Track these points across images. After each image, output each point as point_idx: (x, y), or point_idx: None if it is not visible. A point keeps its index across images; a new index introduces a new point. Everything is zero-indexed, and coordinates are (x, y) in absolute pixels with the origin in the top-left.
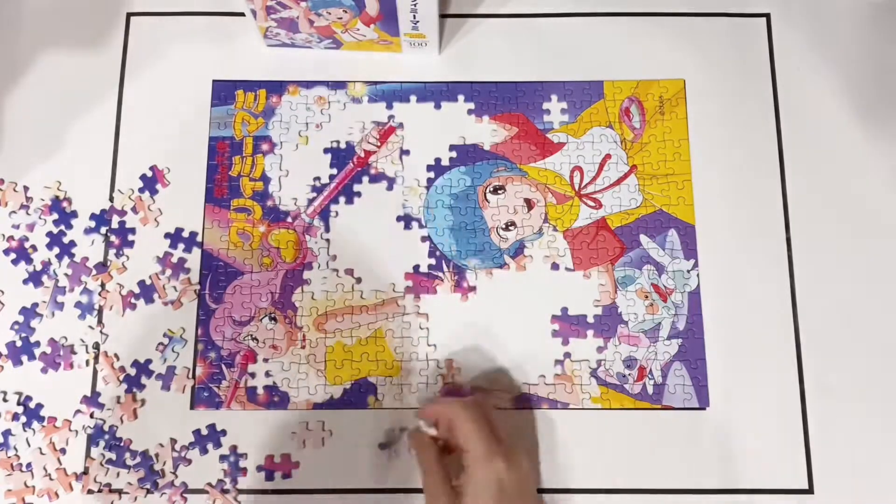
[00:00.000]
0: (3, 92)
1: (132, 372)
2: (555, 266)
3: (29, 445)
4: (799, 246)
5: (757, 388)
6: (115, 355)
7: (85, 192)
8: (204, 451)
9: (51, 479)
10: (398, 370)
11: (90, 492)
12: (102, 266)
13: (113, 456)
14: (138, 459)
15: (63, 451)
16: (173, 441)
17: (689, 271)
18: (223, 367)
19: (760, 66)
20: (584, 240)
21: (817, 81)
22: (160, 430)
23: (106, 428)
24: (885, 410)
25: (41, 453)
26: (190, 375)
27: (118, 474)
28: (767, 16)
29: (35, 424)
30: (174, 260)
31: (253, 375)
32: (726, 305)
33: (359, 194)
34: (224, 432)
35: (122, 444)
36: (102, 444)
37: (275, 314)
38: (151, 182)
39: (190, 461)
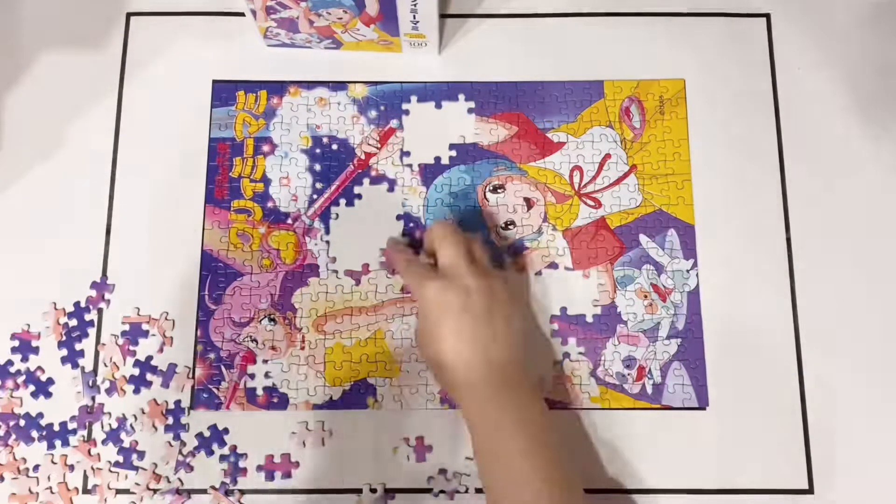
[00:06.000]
0: (3, 92)
1: (135, 372)
2: (554, 265)
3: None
4: (799, 246)
5: (757, 388)
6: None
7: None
8: (209, 452)
9: (52, 492)
10: (397, 371)
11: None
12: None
13: (120, 458)
14: (139, 461)
15: (72, 467)
16: (173, 442)
17: (688, 271)
18: (222, 368)
19: (760, 66)
20: (584, 239)
21: (817, 81)
22: (160, 431)
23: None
24: (884, 410)
25: (52, 462)
26: (190, 376)
27: (119, 476)
28: (767, 16)
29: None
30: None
31: (252, 377)
32: (726, 305)
33: (359, 196)
34: (226, 431)
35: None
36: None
37: (274, 315)
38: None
39: (190, 462)
